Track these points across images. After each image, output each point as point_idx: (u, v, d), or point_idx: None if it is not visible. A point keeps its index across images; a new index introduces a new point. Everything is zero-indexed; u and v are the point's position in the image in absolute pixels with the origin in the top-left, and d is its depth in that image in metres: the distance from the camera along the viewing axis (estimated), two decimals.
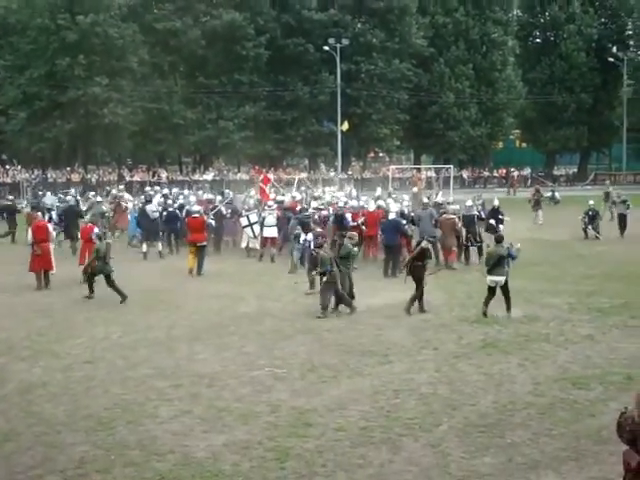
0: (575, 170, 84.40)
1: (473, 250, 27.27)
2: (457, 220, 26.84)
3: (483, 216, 28.74)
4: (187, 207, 30.21)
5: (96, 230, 22.81)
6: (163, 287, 22.76)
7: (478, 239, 27.23)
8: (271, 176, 41.30)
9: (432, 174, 60.21)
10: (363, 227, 26.98)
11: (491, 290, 18.58)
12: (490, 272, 18.54)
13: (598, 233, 33.81)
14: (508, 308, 18.55)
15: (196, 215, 26.27)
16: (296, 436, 10.99)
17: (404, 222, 26.23)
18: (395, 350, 15.39)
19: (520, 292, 20.89)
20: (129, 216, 33.22)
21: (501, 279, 18.44)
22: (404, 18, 71.13)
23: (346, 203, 30.08)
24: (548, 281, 23.22)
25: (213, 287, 22.63)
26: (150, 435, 11.09)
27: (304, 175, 53.54)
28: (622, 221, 35.38)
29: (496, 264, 18.41)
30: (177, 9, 66.91)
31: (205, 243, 25.89)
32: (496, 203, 31.44)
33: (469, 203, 28.97)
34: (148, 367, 14.35)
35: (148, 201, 31.18)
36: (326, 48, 66.19)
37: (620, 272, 24.98)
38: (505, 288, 18.55)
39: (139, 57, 64.31)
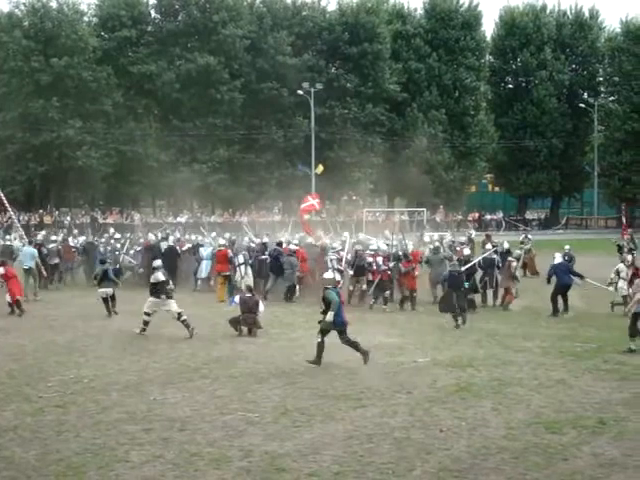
0: (547, 214, 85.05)
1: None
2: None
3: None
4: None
5: None
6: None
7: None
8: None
9: (405, 217, 60.34)
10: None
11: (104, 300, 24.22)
12: (99, 285, 24.30)
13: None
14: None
15: (221, 248, 29.95)
16: None
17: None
18: (369, 394, 15.32)
19: (493, 335, 20.95)
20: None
21: (109, 290, 24.14)
22: (377, 63, 71.80)
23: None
24: (521, 325, 23.26)
25: (186, 330, 22.41)
26: None
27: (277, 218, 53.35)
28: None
29: (102, 279, 24.13)
30: (151, 52, 67.28)
31: (229, 273, 29.12)
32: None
33: (489, 246, 30.32)
34: (119, 411, 14.20)
35: (164, 238, 34.16)
36: (300, 92, 66.62)
37: (593, 316, 25.07)
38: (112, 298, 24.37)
39: (113, 100, 64.52)
